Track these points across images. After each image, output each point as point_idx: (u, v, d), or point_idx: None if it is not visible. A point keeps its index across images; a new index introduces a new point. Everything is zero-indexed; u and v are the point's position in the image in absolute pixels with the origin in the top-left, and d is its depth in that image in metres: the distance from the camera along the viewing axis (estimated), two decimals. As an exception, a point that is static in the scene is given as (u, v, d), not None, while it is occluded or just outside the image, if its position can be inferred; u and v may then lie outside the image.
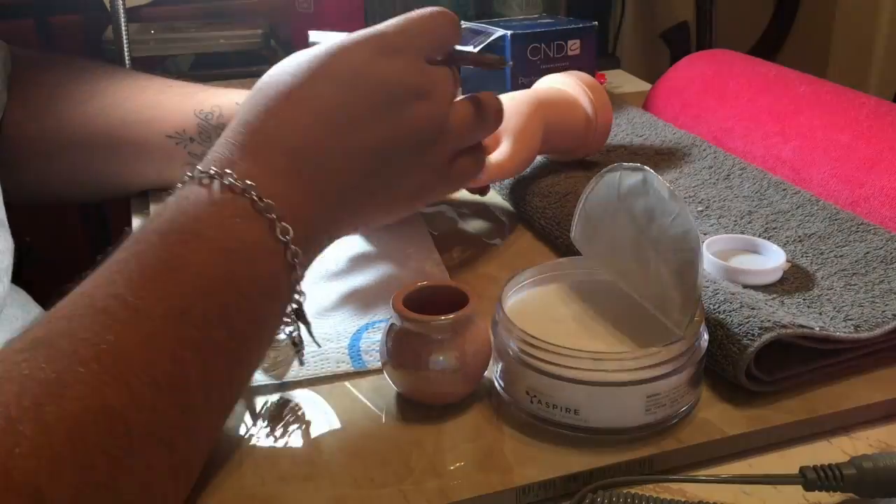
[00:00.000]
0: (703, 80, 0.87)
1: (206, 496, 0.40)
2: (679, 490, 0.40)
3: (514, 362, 0.44)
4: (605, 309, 0.49)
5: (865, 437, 0.44)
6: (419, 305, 0.45)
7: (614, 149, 0.76)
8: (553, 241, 0.63)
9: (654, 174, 0.45)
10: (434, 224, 0.67)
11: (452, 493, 0.40)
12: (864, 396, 0.46)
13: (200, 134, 0.67)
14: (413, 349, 0.44)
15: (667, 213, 0.45)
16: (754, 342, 0.44)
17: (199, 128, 0.67)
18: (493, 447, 0.43)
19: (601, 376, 0.42)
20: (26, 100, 0.68)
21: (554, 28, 0.85)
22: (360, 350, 0.51)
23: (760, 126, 0.77)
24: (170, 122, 0.68)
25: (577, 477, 0.41)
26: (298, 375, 0.48)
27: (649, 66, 1.60)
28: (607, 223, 0.49)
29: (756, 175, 0.68)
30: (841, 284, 0.52)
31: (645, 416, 0.42)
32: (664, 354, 0.42)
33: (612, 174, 0.48)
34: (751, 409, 0.45)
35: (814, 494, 0.39)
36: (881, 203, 0.63)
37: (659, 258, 0.45)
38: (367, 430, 0.44)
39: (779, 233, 0.59)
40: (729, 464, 0.43)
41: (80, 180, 0.71)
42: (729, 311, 0.47)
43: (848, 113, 0.71)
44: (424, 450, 0.43)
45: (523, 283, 0.50)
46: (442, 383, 0.44)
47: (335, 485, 0.40)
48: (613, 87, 1.07)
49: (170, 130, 0.67)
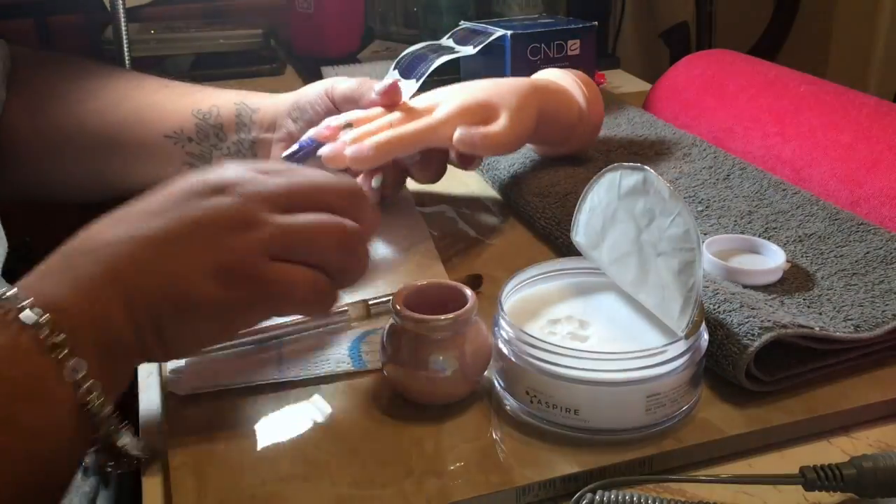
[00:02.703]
0: (703, 80, 0.87)
1: (206, 496, 0.40)
2: (679, 490, 0.40)
3: (513, 362, 0.44)
4: (605, 309, 0.49)
5: (865, 437, 0.44)
6: (419, 305, 0.45)
7: (614, 149, 0.76)
8: (553, 241, 0.63)
9: (655, 174, 0.45)
10: (434, 224, 0.67)
11: (452, 493, 0.40)
12: (864, 396, 0.46)
13: (198, 133, 0.67)
14: (413, 349, 0.44)
15: (667, 212, 0.45)
16: (754, 342, 0.44)
17: (196, 127, 0.67)
18: (493, 447, 0.43)
19: (601, 376, 0.42)
20: (25, 98, 0.68)
21: (554, 28, 0.85)
22: (360, 350, 0.51)
23: (760, 126, 0.77)
24: (168, 122, 0.68)
25: (577, 477, 0.41)
26: (298, 375, 0.48)
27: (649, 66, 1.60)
28: (607, 223, 0.49)
29: (756, 175, 0.68)
30: (841, 284, 0.52)
31: (645, 415, 0.42)
32: (664, 354, 0.42)
33: (613, 174, 0.48)
34: (751, 408, 0.45)
35: (814, 494, 0.39)
36: (881, 203, 0.63)
37: (659, 258, 0.45)
38: (367, 430, 0.44)
39: (779, 233, 0.59)
40: (729, 464, 0.43)
41: (77, 179, 0.71)
42: (729, 311, 0.47)
43: (848, 113, 0.71)
44: (424, 450, 0.43)
45: (523, 282, 0.50)
46: (442, 383, 0.44)
47: (335, 485, 0.40)
48: (613, 87, 1.07)
49: (168, 130, 0.67)
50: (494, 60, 0.84)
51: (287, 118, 0.67)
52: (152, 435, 0.46)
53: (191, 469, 0.42)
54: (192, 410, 0.46)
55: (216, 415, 0.46)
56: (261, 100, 0.69)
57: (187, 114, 0.67)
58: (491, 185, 0.74)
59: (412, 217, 0.69)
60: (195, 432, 0.44)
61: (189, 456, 0.43)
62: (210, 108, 0.68)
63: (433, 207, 0.71)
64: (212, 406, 0.46)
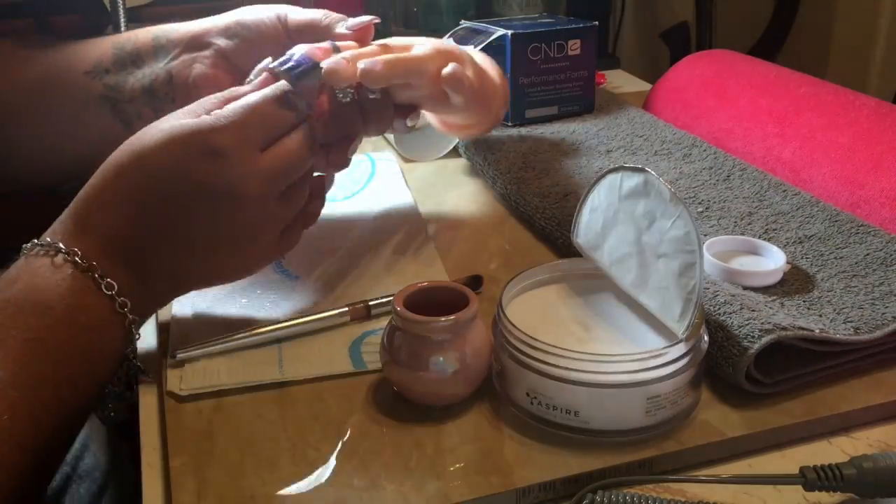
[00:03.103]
0: (703, 80, 0.87)
1: (206, 496, 0.40)
2: (679, 490, 0.41)
3: (514, 363, 0.44)
4: (605, 310, 0.49)
5: (865, 437, 0.45)
6: (420, 306, 0.45)
7: (614, 149, 0.76)
8: (553, 241, 0.63)
9: (656, 176, 0.45)
10: (434, 224, 0.67)
11: (453, 494, 0.40)
12: (864, 398, 0.46)
13: (115, 64, 0.64)
14: (414, 350, 0.44)
15: (668, 214, 0.45)
16: (754, 344, 0.44)
17: (114, 58, 0.64)
18: (493, 448, 0.43)
19: (602, 378, 0.42)
20: None
21: (554, 28, 0.84)
22: (360, 350, 0.51)
23: (760, 127, 0.77)
24: (88, 59, 0.65)
25: (577, 479, 0.41)
26: (298, 375, 0.48)
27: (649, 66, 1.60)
28: (608, 224, 0.49)
29: (756, 176, 0.68)
30: (841, 286, 0.52)
31: (645, 417, 0.42)
32: (665, 356, 0.42)
33: (614, 175, 0.48)
34: (751, 410, 0.45)
35: (814, 494, 0.40)
36: (881, 205, 0.63)
37: (660, 260, 0.45)
38: (367, 430, 0.44)
39: (779, 234, 0.59)
40: (729, 464, 0.43)
41: (16, 149, 0.67)
42: (729, 312, 0.47)
43: (848, 114, 0.71)
44: (425, 451, 0.43)
45: (524, 283, 0.50)
46: (442, 384, 0.44)
47: (335, 485, 0.40)
48: (613, 87, 1.07)
49: (88, 67, 0.64)
50: (495, 60, 0.84)
51: (220, 36, 0.63)
52: (152, 435, 0.46)
53: (191, 469, 0.42)
54: (192, 410, 0.46)
55: (216, 415, 0.46)
56: (182, 24, 0.66)
57: (107, 48, 0.65)
58: (491, 186, 0.74)
59: (412, 217, 0.69)
60: (195, 432, 0.44)
61: (189, 456, 0.43)
62: (128, 38, 0.65)
63: (433, 207, 0.71)
64: (212, 406, 0.46)
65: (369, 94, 0.57)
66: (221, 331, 0.51)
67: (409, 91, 0.59)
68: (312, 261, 0.61)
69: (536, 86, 0.85)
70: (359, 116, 0.58)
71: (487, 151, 0.76)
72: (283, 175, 0.49)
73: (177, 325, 0.53)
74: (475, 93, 0.62)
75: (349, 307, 0.53)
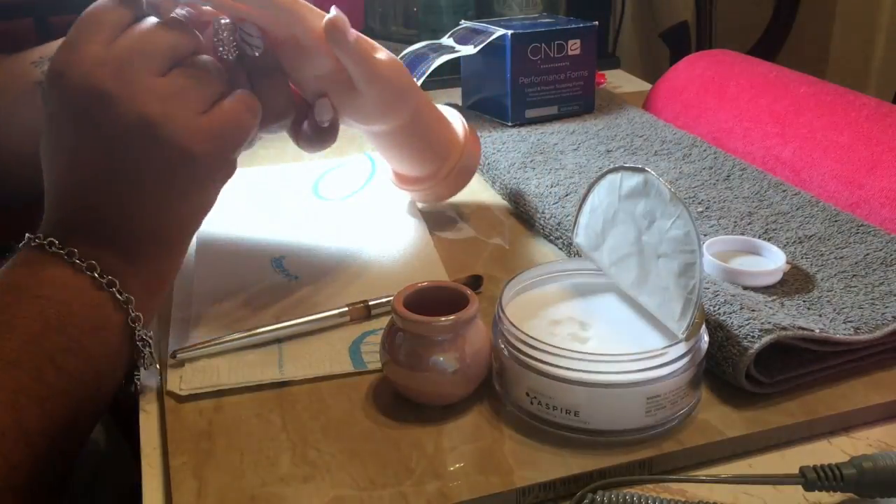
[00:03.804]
0: (703, 80, 0.87)
1: (206, 496, 0.40)
2: (679, 490, 0.41)
3: (514, 363, 0.44)
4: (605, 310, 0.49)
5: (865, 437, 0.45)
6: (420, 306, 0.45)
7: (614, 149, 0.76)
8: (553, 241, 0.64)
9: (656, 176, 0.45)
10: (434, 224, 0.67)
11: (453, 494, 0.40)
12: (864, 398, 0.46)
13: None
14: (414, 350, 0.44)
15: (668, 214, 0.45)
16: (754, 344, 0.44)
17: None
18: (493, 448, 0.43)
19: (601, 378, 0.42)
20: None
21: (554, 28, 0.85)
22: (360, 350, 0.51)
23: (760, 127, 0.77)
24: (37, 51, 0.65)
25: (577, 478, 0.41)
26: (298, 375, 0.48)
27: (649, 66, 1.60)
28: (608, 224, 0.49)
29: (756, 176, 0.68)
30: (841, 286, 0.52)
31: (645, 417, 0.42)
32: (664, 356, 0.42)
33: (614, 175, 0.48)
34: (751, 410, 0.45)
35: (814, 494, 0.40)
36: (881, 204, 0.63)
37: (659, 260, 0.45)
38: (367, 430, 0.44)
39: (779, 234, 0.59)
40: (729, 464, 0.43)
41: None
42: (729, 312, 0.47)
43: (848, 114, 0.71)
44: (424, 451, 0.43)
45: (524, 283, 0.50)
46: (442, 384, 0.44)
47: (335, 485, 0.40)
48: (613, 87, 1.07)
49: (34, 58, 0.64)
50: (495, 60, 0.84)
51: None
52: (152, 435, 0.46)
53: (191, 469, 0.42)
54: (192, 410, 0.46)
55: (216, 415, 0.46)
56: None
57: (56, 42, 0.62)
58: (491, 185, 0.74)
59: (412, 217, 0.69)
60: (195, 432, 0.44)
61: (189, 456, 0.43)
62: None
63: (433, 207, 0.71)
64: (212, 406, 0.46)
65: (248, 50, 0.52)
66: (221, 331, 0.51)
67: (299, 58, 0.54)
68: (312, 261, 0.61)
69: (536, 86, 0.85)
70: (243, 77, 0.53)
71: (487, 151, 0.76)
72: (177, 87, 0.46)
73: (177, 325, 0.53)
74: (372, 69, 0.56)
75: (349, 307, 0.53)
